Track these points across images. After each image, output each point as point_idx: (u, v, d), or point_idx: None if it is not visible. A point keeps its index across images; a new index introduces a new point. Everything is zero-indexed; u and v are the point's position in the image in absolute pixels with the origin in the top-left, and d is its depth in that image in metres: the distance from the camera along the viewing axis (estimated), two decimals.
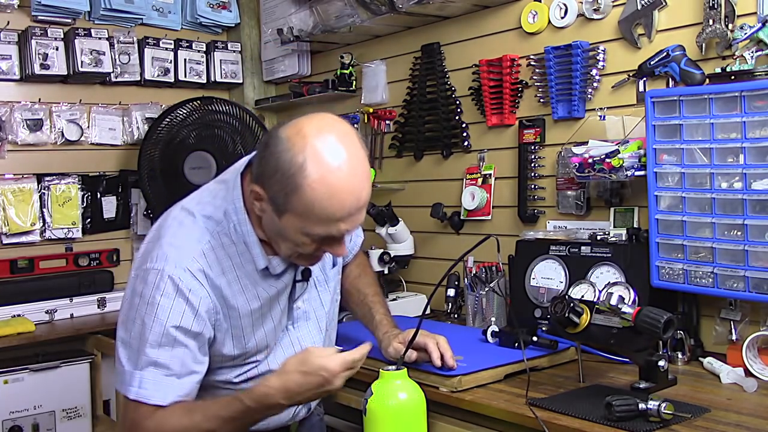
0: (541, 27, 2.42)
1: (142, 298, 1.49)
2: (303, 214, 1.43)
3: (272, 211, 1.47)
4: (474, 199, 2.60)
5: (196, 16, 3.40)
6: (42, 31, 2.97)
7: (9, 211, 2.94)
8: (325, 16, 2.88)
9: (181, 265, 1.48)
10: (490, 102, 2.56)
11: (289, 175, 1.40)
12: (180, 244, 1.51)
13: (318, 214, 1.42)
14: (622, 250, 2.05)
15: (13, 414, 2.65)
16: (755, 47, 1.86)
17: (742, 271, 1.81)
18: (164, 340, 1.47)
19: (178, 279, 1.47)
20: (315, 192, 1.40)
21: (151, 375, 1.48)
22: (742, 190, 1.80)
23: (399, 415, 1.55)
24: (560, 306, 1.71)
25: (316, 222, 1.43)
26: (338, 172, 1.40)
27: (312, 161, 1.39)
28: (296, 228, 1.46)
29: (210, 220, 1.55)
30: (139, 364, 1.48)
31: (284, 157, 1.41)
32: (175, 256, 1.49)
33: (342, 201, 1.42)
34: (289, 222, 1.46)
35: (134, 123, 3.26)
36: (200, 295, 1.49)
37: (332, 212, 1.42)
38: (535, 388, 1.73)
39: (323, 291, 1.76)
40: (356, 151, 1.45)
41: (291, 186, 1.40)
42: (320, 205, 1.41)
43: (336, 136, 1.43)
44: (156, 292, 1.47)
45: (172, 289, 1.47)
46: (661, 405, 1.45)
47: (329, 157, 1.40)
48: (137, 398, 1.47)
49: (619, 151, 2.04)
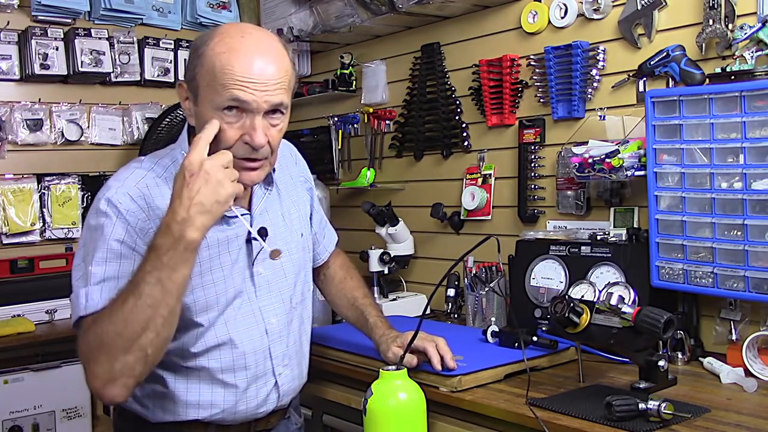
0: (541, 27, 2.42)
1: (88, 228, 1.53)
2: (208, 82, 1.48)
3: (192, 103, 1.54)
4: (474, 199, 2.60)
5: (196, 16, 3.40)
6: (42, 31, 2.97)
7: (9, 211, 2.94)
8: (325, 16, 2.88)
9: (121, 191, 1.52)
10: (490, 102, 2.56)
11: (196, 48, 1.51)
12: (123, 178, 1.57)
13: (218, 74, 1.46)
14: (622, 250, 2.05)
15: (13, 414, 2.65)
16: (755, 47, 1.86)
17: (742, 271, 1.81)
18: (109, 255, 1.47)
19: (117, 201, 1.50)
20: (215, 54, 1.47)
21: (98, 288, 1.44)
22: (742, 190, 1.80)
23: (399, 415, 1.55)
24: (560, 306, 1.71)
25: (219, 85, 1.46)
26: (241, 39, 1.49)
27: (219, 33, 1.51)
28: (208, 106, 1.49)
29: (158, 165, 1.61)
30: (88, 282, 1.45)
31: (197, 42, 1.54)
32: (117, 185, 1.54)
33: (241, 59, 1.46)
34: (203, 103, 1.50)
35: (134, 123, 3.26)
36: (138, 217, 1.50)
37: (231, 69, 1.45)
38: (535, 388, 1.73)
39: (286, 261, 1.71)
40: (270, 37, 1.54)
41: (197, 57, 1.50)
42: (219, 63, 1.46)
43: (253, 26, 1.56)
44: (99, 216, 1.50)
45: (112, 211, 1.49)
46: (661, 405, 1.45)
47: (236, 31, 1.51)
48: (87, 312, 1.42)
49: (619, 151, 2.04)
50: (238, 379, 1.63)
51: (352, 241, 2.86)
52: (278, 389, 1.70)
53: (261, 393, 1.67)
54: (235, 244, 1.62)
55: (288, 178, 1.82)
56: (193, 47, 1.55)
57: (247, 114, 1.49)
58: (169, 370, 1.60)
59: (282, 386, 1.71)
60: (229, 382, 1.62)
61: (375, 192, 2.97)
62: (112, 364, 1.37)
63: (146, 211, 1.52)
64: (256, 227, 1.64)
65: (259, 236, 1.63)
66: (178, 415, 1.61)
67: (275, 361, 1.69)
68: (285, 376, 1.72)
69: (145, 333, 1.37)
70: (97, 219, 1.51)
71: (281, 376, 1.70)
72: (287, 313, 1.72)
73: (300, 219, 1.82)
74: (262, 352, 1.66)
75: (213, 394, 1.62)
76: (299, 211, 1.82)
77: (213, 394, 1.62)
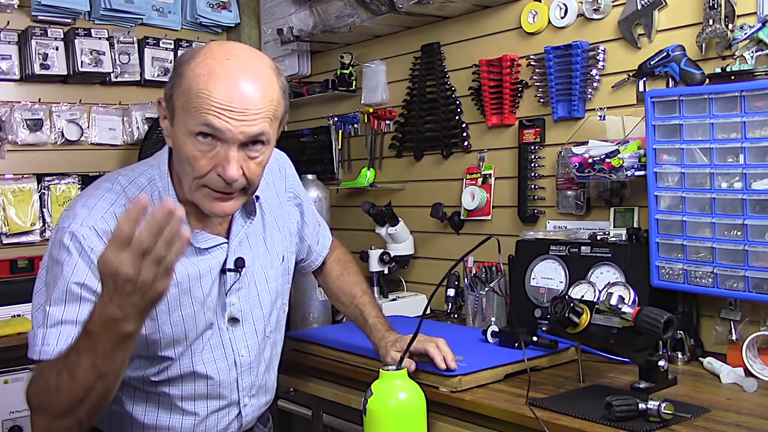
0: (541, 27, 2.42)
1: (50, 258, 1.42)
2: (183, 104, 1.36)
3: (169, 122, 1.41)
4: (474, 199, 2.60)
5: (196, 16, 3.40)
6: (42, 31, 2.97)
7: (9, 211, 2.94)
8: (325, 16, 2.88)
9: (86, 224, 1.40)
10: (490, 102, 2.56)
11: (177, 65, 1.40)
12: (91, 204, 1.44)
13: (193, 97, 1.34)
14: (622, 250, 2.05)
15: (13, 414, 2.65)
16: (755, 47, 1.86)
17: (742, 271, 1.81)
18: (68, 297, 1.36)
19: (81, 237, 1.38)
20: (194, 76, 1.35)
21: (55, 331, 1.35)
22: (742, 190, 1.80)
23: (399, 415, 1.55)
24: (560, 306, 1.71)
25: (193, 109, 1.34)
26: (225, 62, 1.36)
27: (203, 51, 1.39)
28: (182, 128, 1.37)
29: (132, 184, 1.48)
30: (45, 323, 1.36)
31: (180, 59, 1.41)
32: (83, 215, 1.41)
33: (220, 85, 1.33)
34: (177, 125, 1.38)
35: (134, 123, 3.26)
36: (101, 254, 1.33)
37: (207, 95, 1.33)
38: (535, 388, 1.73)
39: (263, 291, 1.63)
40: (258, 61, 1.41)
41: (176, 75, 1.38)
42: (197, 88, 1.34)
43: (241, 45, 1.43)
44: (61, 251, 1.39)
45: (75, 248, 1.38)
46: (661, 405, 1.45)
47: (221, 52, 1.38)
48: (41, 357, 1.35)
49: (619, 151, 2.04)
50: (198, 407, 1.58)
51: (352, 241, 2.85)
52: (241, 418, 1.65)
53: (222, 422, 1.62)
54: (208, 278, 1.52)
55: (274, 198, 1.71)
56: (175, 64, 1.45)
57: (221, 143, 1.36)
58: (127, 394, 1.54)
59: (246, 416, 1.66)
60: (189, 410, 1.57)
61: (375, 192, 2.97)
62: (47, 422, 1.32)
63: None
64: (233, 257, 1.55)
65: (236, 267, 1.55)
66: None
67: (242, 393, 1.63)
68: (250, 406, 1.66)
69: (81, 405, 1.28)
70: (59, 253, 1.40)
71: (246, 407, 1.65)
72: (259, 344, 1.64)
73: (283, 241, 1.72)
74: (229, 385, 1.60)
75: (171, 419, 1.56)
76: (283, 232, 1.72)
77: (171, 419, 1.56)
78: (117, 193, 1.47)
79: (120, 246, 1.13)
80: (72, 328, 1.34)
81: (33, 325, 1.40)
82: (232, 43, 1.44)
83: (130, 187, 1.48)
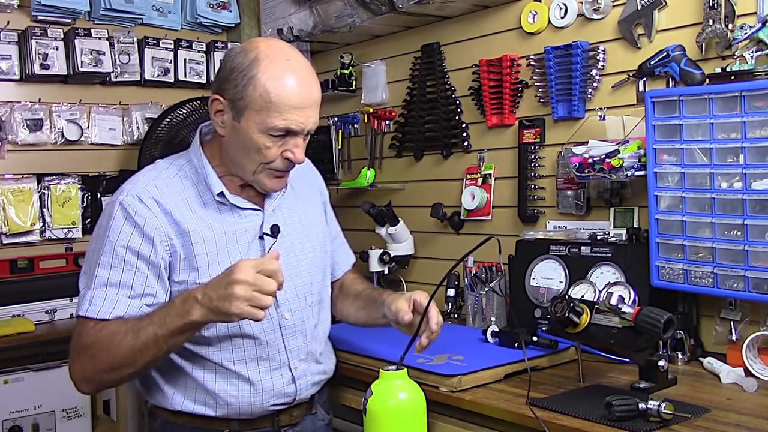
0: (541, 27, 2.42)
1: (99, 228, 1.63)
2: (260, 106, 1.56)
3: (232, 118, 1.61)
4: (474, 199, 2.60)
5: (196, 16, 3.40)
6: (42, 31, 2.97)
7: (9, 211, 2.94)
8: (325, 16, 2.88)
9: (132, 193, 1.61)
10: (490, 102, 2.56)
11: (243, 68, 1.57)
12: (135, 180, 1.66)
13: (274, 101, 1.55)
14: (622, 250, 2.05)
15: (13, 414, 2.65)
16: (755, 47, 1.86)
17: (742, 271, 1.81)
18: (114, 261, 1.57)
19: (127, 204, 1.59)
20: (269, 79, 1.55)
21: (101, 293, 1.55)
22: (742, 190, 1.80)
23: (399, 415, 1.55)
24: (560, 306, 1.71)
25: (273, 111, 1.56)
26: (288, 64, 1.58)
27: (264, 55, 1.58)
28: (255, 127, 1.58)
29: (172, 166, 1.70)
30: (92, 285, 1.57)
31: (238, 59, 1.59)
32: (128, 188, 1.63)
33: (294, 88, 1.57)
34: (248, 123, 1.58)
35: (134, 123, 3.26)
36: (145, 216, 1.58)
37: (287, 98, 1.56)
38: (535, 388, 1.73)
39: (302, 260, 1.75)
40: (303, 58, 1.63)
41: (246, 79, 1.56)
42: (275, 92, 1.55)
43: (283, 44, 1.64)
44: (109, 219, 1.60)
45: (122, 214, 1.59)
46: (661, 405, 1.45)
47: (279, 54, 1.59)
48: (85, 314, 1.55)
49: (619, 151, 2.04)
50: (251, 370, 1.67)
51: (352, 241, 2.85)
52: (295, 383, 1.72)
53: (277, 384, 1.69)
54: (244, 239, 1.67)
55: (307, 185, 1.90)
56: (236, 64, 1.59)
57: (291, 134, 1.60)
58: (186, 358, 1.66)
59: (299, 379, 1.72)
60: (243, 374, 1.66)
61: (375, 192, 2.97)
62: (89, 371, 1.55)
63: (154, 211, 1.60)
64: (268, 225, 1.70)
65: (272, 233, 1.68)
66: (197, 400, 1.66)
67: (291, 355, 1.71)
68: (302, 370, 1.73)
69: (127, 367, 1.52)
70: (107, 221, 1.60)
71: (297, 370, 1.72)
72: (302, 309, 1.74)
73: (319, 221, 1.88)
74: (276, 345, 1.69)
75: (229, 386, 1.66)
76: (318, 215, 1.89)
77: (229, 386, 1.66)
78: (159, 170, 1.69)
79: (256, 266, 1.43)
80: (115, 291, 1.55)
81: (80, 287, 1.60)
82: (278, 42, 1.66)
83: (171, 167, 1.70)
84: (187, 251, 1.61)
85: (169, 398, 1.67)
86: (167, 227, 1.60)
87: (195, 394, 1.66)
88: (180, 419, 1.68)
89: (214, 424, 1.68)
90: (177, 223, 1.60)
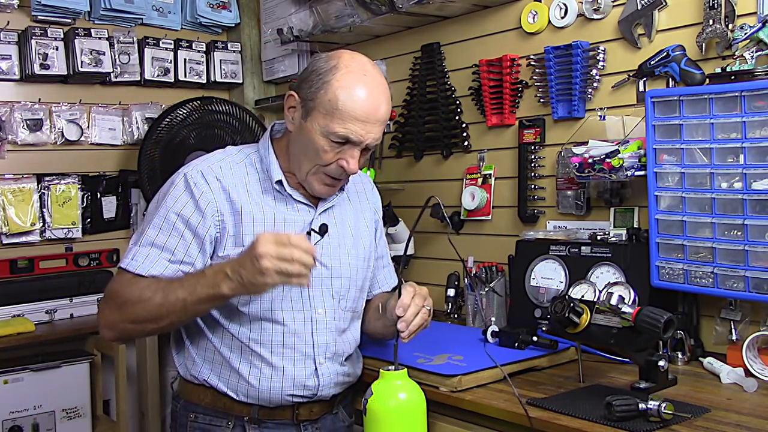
0: (541, 27, 2.42)
1: (160, 193, 1.73)
2: (327, 110, 1.63)
3: (301, 116, 1.68)
4: (474, 199, 2.60)
5: (196, 16, 3.40)
6: (42, 31, 2.97)
7: (9, 211, 2.94)
8: (325, 16, 2.88)
9: (197, 168, 1.70)
10: (490, 102, 2.56)
11: (321, 73, 1.65)
12: (205, 158, 1.75)
13: (340, 108, 1.62)
14: (622, 250, 2.05)
15: (13, 414, 2.65)
16: (755, 47, 1.86)
17: (742, 271, 1.81)
18: (165, 224, 1.66)
19: (190, 176, 1.68)
20: (340, 87, 1.63)
21: (145, 251, 1.65)
22: (742, 190, 1.80)
23: (399, 415, 1.55)
24: (560, 306, 1.71)
25: (337, 118, 1.62)
26: (363, 78, 1.65)
27: (344, 65, 1.65)
28: (318, 128, 1.64)
29: (240, 153, 1.78)
30: (139, 242, 1.67)
31: (320, 63, 1.68)
32: (196, 164, 1.72)
33: (362, 101, 1.63)
34: (313, 123, 1.65)
35: (134, 123, 3.26)
36: (203, 190, 1.67)
37: (352, 108, 1.62)
38: (535, 388, 1.73)
39: (344, 265, 1.79)
40: (381, 77, 1.69)
41: (321, 82, 1.64)
42: (343, 100, 1.62)
43: (366, 60, 1.71)
44: (170, 186, 1.70)
45: (183, 184, 1.68)
46: (661, 405, 1.45)
47: (358, 67, 1.66)
48: (127, 267, 1.65)
49: (619, 151, 2.04)
50: (275, 355, 1.70)
51: None
52: (318, 377, 1.73)
53: (299, 374, 1.71)
54: (291, 229, 1.73)
55: (364, 200, 1.95)
56: (316, 67, 1.67)
57: (350, 144, 1.66)
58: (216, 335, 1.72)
59: (322, 376, 1.73)
60: (266, 357, 1.70)
61: None
62: (116, 320, 1.63)
63: (213, 187, 1.67)
64: (318, 221, 1.76)
65: (320, 232, 1.74)
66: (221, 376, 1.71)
67: (317, 350, 1.73)
68: (326, 367, 1.74)
69: (150, 323, 1.61)
70: (168, 188, 1.71)
71: (322, 366, 1.73)
72: (335, 309, 1.77)
73: (368, 234, 1.90)
74: (303, 337, 1.72)
75: (251, 365, 1.70)
76: (368, 229, 1.91)
77: (251, 365, 1.70)
78: (227, 153, 1.78)
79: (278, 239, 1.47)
80: (158, 252, 1.65)
81: (130, 242, 1.70)
82: (362, 57, 1.71)
83: (238, 154, 1.78)
84: (237, 229, 1.68)
85: (198, 367, 1.74)
86: (222, 203, 1.67)
87: (220, 369, 1.72)
88: (202, 400, 1.74)
89: (234, 409, 1.72)
90: (232, 201, 1.68)
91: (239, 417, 1.72)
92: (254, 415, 1.72)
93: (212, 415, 1.74)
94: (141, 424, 3.10)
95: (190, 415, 1.76)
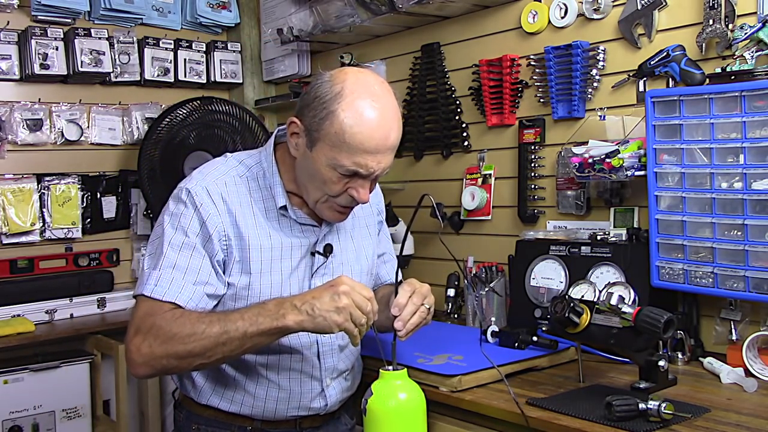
0: (541, 27, 2.42)
1: (167, 211, 1.63)
2: (333, 143, 1.53)
3: (305, 145, 1.59)
4: (474, 199, 2.60)
5: (196, 16, 3.40)
6: (42, 31, 2.97)
7: (9, 211, 2.94)
8: (325, 16, 2.88)
9: (200, 184, 1.62)
10: (490, 102, 2.56)
11: (325, 100, 1.53)
12: (206, 172, 1.67)
13: (348, 142, 1.51)
14: (622, 250, 2.05)
15: (13, 414, 2.65)
16: (755, 47, 1.86)
17: (742, 271, 1.81)
18: (185, 244, 1.57)
19: (195, 193, 1.60)
20: (347, 118, 1.51)
21: (168, 275, 1.55)
22: (742, 190, 1.80)
23: (399, 415, 1.55)
24: (560, 306, 1.71)
25: (344, 151, 1.52)
26: (371, 105, 1.52)
27: (349, 91, 1.52)
28: (325, 160, 1.55)
29: (242, 165, 1.70)
30: (158, 266, 1.56)
31: (324, 87, 1.55)
32: (198, 179, 1.64)
33: (371, 132, 1.52)
34: (320, 154, 1.56)
35: (134, 123, 3.26)
36: (210, 212, 1.59)
37: (360, 141, 1.51)
38: (535, 388, 1.73)
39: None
40: (390, 98, 1.57)
41: (326, 111, 1.53)
42: (350, 132, 1.51)
43: (374, 80, 1.57)
44: (178, 204, 1.62)
45: (190, 203, 1.60)
46: (661, 405, 1.45)
47: (365, 92, 1.53)
48: (152, 295, 1.54)
49: (619, 151, 2.04)
50: (282, 378, 1.69)
51: None
52: (326, 397, 1.74)
53: (305, 396, 1.71)
54: (297, 253, 1.68)
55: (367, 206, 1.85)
56: (320, 93, 1.55)
57: (359, 175, 1.58)
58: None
59: (329, 397, 1.74)
60: (273, 379, 1.68)
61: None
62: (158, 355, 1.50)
63: (219, 208, 1.61)
64: (322, 243, 1.71)
65: (324, 252, 1.70)
66: (224, 396, 1.69)
67: (324, 373, 1.73)
68: (333, 387, 1.75)
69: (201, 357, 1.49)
70: (176, 206, 1.62)
71: (329, 388, 1.74)
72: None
73: (370, 242, 1.87)
74: (311, 361, 1.71)
75: (258, 386, 1.68)
76: (371, 235, 1.88)
77: (258, 386, 1.68)
78: (229, 166, 1.69)
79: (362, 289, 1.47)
80: (181, 276, 1.55)
81: (144, 267, 1.61)
82: (368, 79, 1.57)
83: (240, 166, 1.70)
84: (243, 255, 1.62)
85: (199, 389, 1.71)
86: (228, 227, 1.61)
87: (224, 390, 1.69)
88: (205, 412, 1.72)
89: (237, 420, 1.71)
90: (237, 225, 1.62)
91: (242, 428, 1.72)
92: (257, 426, 1.72)
93: (215, 426, 1.72)
94: (141, 424, 3.10)
95: (193, 426, 1.75)
